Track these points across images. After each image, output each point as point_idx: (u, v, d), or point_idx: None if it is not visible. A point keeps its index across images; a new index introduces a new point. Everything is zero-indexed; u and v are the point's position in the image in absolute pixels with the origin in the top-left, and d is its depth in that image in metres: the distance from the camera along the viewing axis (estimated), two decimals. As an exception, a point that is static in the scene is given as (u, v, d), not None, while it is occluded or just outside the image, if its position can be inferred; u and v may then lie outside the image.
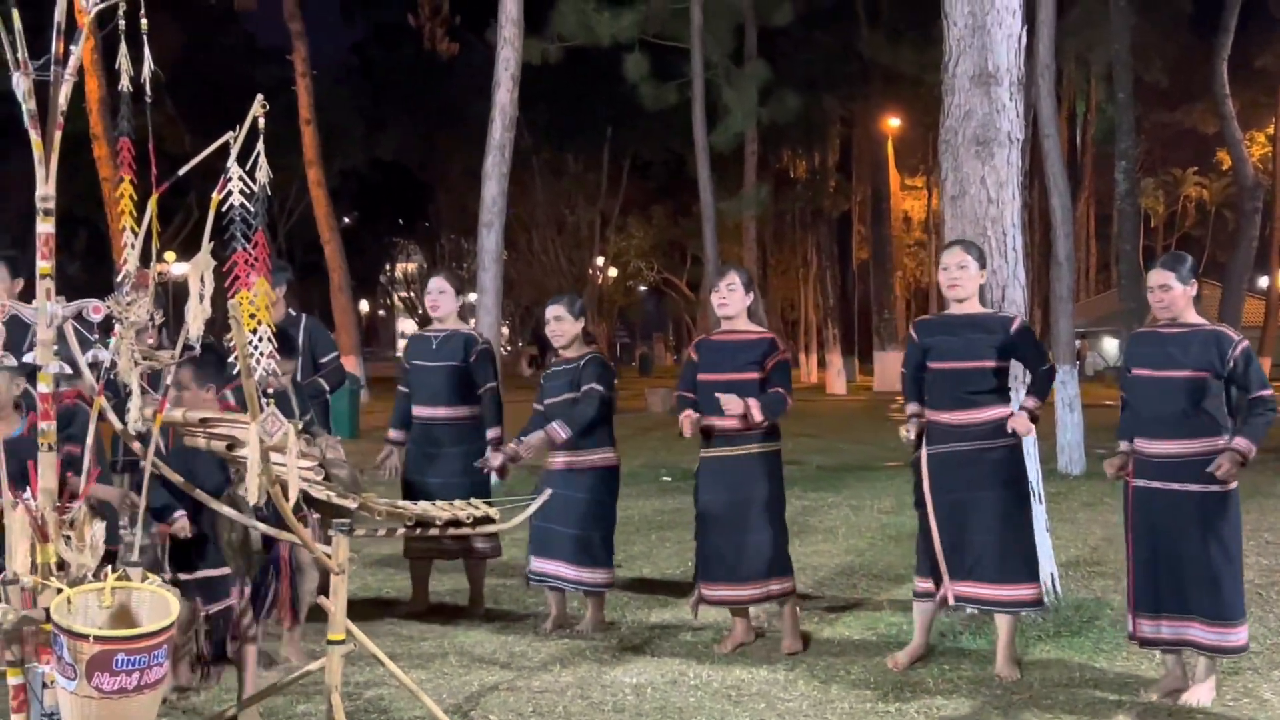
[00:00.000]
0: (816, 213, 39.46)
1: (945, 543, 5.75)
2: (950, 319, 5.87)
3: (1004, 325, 5.80)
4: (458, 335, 7.18)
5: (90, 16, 3.60)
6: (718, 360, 6.26)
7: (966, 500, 5.71)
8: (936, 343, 5.81)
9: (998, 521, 5.70)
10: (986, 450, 5.70)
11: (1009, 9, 6.84)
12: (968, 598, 5.75)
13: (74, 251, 35.68)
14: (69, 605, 3.36)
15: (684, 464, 15.65)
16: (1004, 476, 5.74)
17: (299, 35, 26.99)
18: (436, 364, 7.12)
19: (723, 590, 6.24)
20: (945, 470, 5.74)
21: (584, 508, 6.63)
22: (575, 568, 6.64)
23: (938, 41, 7.33)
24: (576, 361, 6.71)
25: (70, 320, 3.63)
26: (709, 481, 6.29)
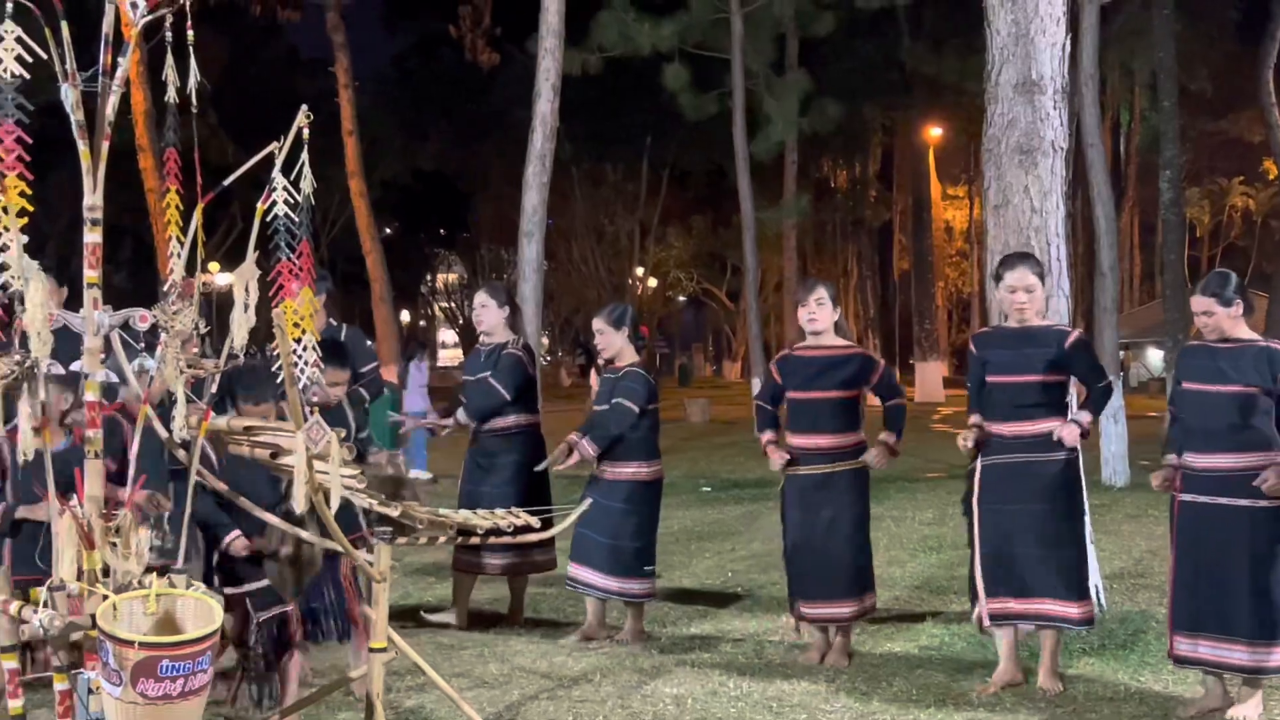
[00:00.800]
0: (857, 222, 39.40)
1: (986, 554, 5.70)
2: (1006, 332, 5.84)
3: (1059, 339, 5.74)
4: (500, 346, 7.22)
5: (137, 29, 3.63)
6: (807, 377, 6.20)
7: (1016, 513, 5.65)
8: (993, 356, 5.77)
9: (1046, 535, 5.64)
10: (1039, 463, 5.65)
11: (1053, 17, 6.80)
12: (1003, 614, 5.67)
13: (119, 261, 36.08)
14: (115, 612, 3.38)
15: (723, 474, 15.64)
16: (1056, 491, 5.68)
17: (341, 47, 27.17)
18: (482, 376, 7.16)
19: (821, 608, 6.19)
20: (997, 481, 5.70)
21: (618, 517, 6.64)
22: (606, 576, 6.64)
23: (980, 50, 7.30)
24: (618, 372, 6.74)
25: (117, 329, 3.66)
26: (799, 500, 6.24)
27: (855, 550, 6.21)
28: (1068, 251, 6.89)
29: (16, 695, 3.67)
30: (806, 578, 6.22)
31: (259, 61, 35.78)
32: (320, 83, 30.76)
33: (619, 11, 22.39)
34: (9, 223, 3.39)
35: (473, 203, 49.00)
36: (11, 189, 3.38)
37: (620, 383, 6.68)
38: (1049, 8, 6.78)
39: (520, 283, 14.77)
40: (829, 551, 6.16)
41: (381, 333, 27.28)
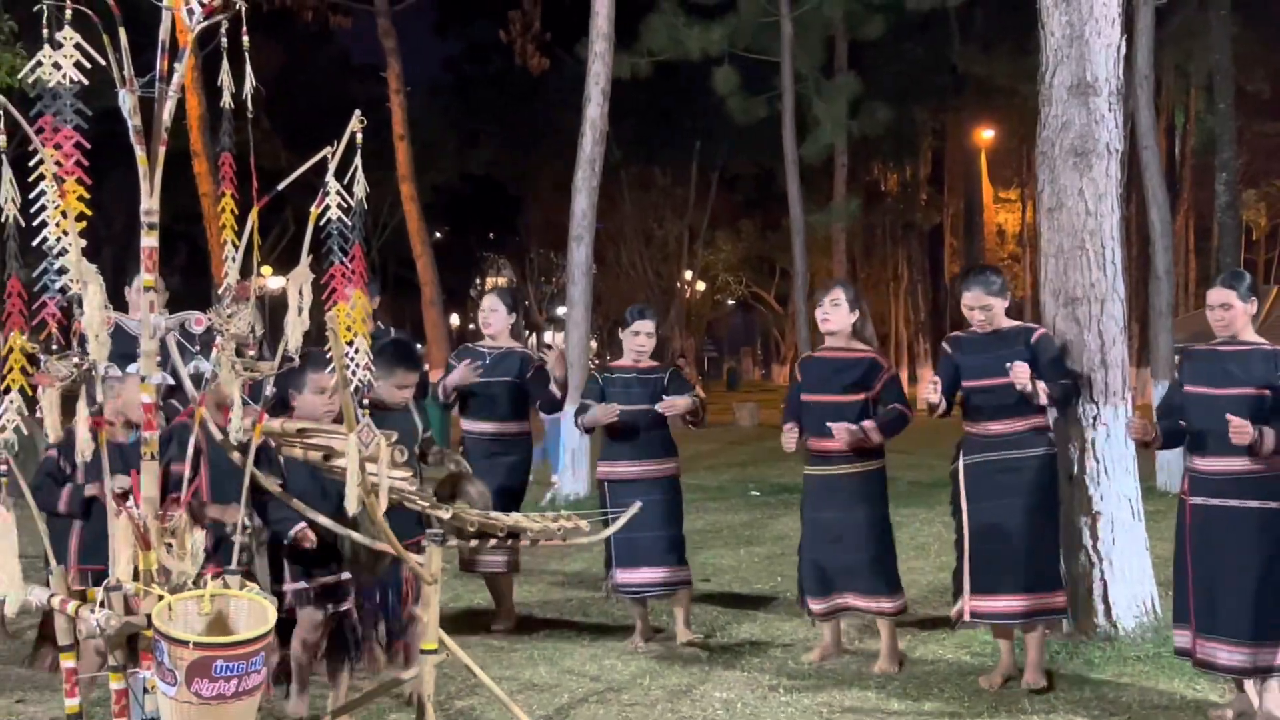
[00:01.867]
0: (907, 226, 39.17)
1: (974, 552, 5.83)
2: (978, 336, 6.00)
3: (1026, 337, 5.92)
4: (514, 354, 7.25)
5: (193, 35, 3.67)
6: (819, 380, 6.29)
7: (998, 508, 5.79)
8: (967, 361, 5.95)
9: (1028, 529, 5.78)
10: (1019, 458, 5.82)
11: (1108, 18, 6.72)
12: (986, 613, 5.80)
13: (173, 265, 36.48)
14: (170, 612, 3.41)
15: (771, 478, 15.58)
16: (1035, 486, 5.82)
17: (393, 52, 27.33)
18: (494, 379, 7.20)
19: (829, 602, 6.28)
20: (980, 479, 5.86)
21: (664, 509, 6.71)
22: (665, 569, 6.70)
23: (1032, 52, 7.23)
24: (657, 374, 6.79)
25: (173, 332, 3.70)
26: (813, 499, 6.34)
27: (871, 550, 6.23)
28: (1122, 255, 6.82)
29: (74, 694, 3.72)
30: (812, 574, 6.30)
31: (311, 67, 36.05)
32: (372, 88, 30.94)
33: (668, 15, 22.40)
34: (68, 227, 3.43)
35: (522, 207, 49.13)
36: (71, 194, 3.42)
37: (675, 384, 6.76)
38: (1104, 9, 6.70)
39: (569, 286, 14.82)
40: (838, 550, 6.21)
41: (432, 336, 27.42)
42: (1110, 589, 6.51)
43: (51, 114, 3.43)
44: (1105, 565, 6.52)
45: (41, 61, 3.40)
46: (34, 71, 3.43)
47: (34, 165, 3.45)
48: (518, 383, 7.19)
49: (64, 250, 3.45)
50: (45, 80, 3.42)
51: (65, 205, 3.43)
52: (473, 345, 7.49)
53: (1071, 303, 6.61)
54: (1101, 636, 6.42)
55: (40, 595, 3.67)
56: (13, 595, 3.55)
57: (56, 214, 3.45)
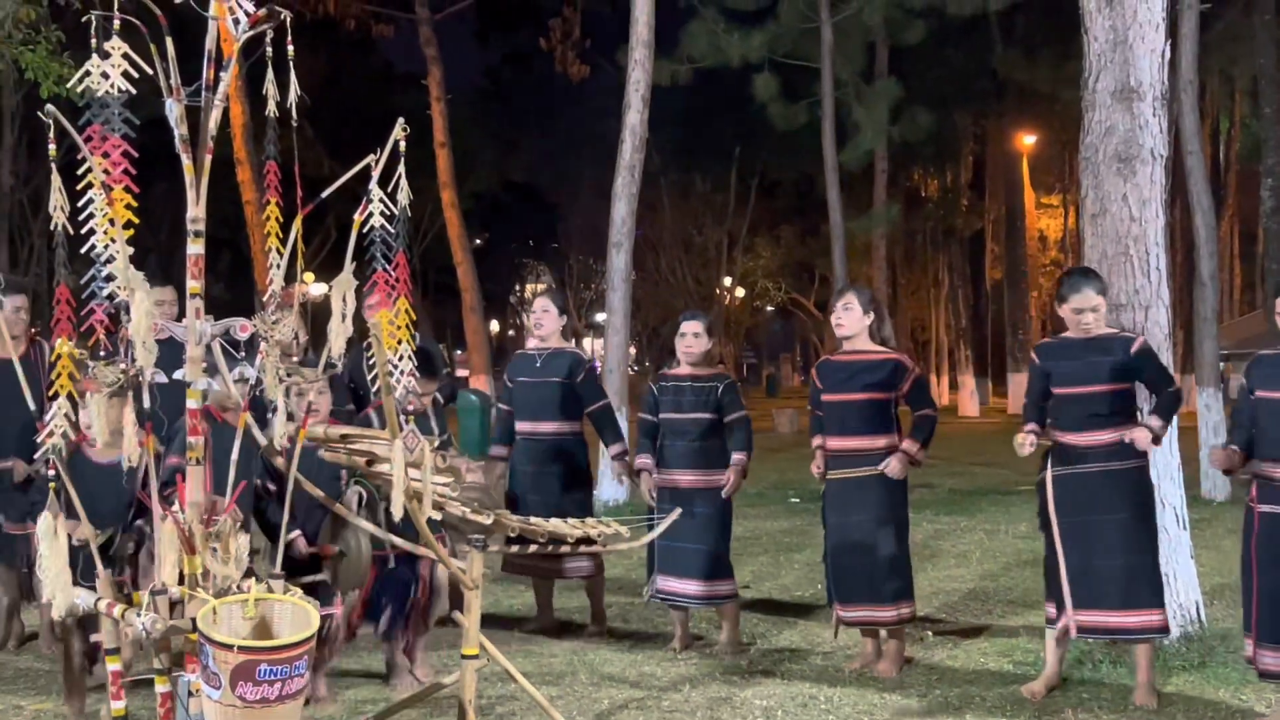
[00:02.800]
0: (948, 232, 38.93)
1: (1072, 567, 5.65)
2: (1071, 342, 5.79)
3: (1125, 346, 5.69)
4: (564, 354, 7.26)
5: (238, 45, 3.71)
6: (839, 381, 6.26)
7: (1092, 523, 5.61)
8: (1059, 367, 5.74)
9: (1125, 544, 5.59)
10: (1112, 472, 5.61)
11: (1152, 23, 6.68)
12: (1092, 627, 5.63)
13: (217, 272, 36.81)
14: (214, 616, 3.45)
15: (812, 485, 15.49)
16: (1131, 498, 5.63)
17: (434, 61, 27.48)
18: (541, 380, 7.21)
19: (858, 611, 6.23)
20: (1071, 492, 5.67)
21: (709, 523, 6.66)
22: (703, 583, 6.65)
23: (1075, 57, 7.19)
24: (712, 382, 6.73)
25: (218, 338, 3.74)
26: (835, 504, 6.30)
27: (888, 555, 6.18)
28: (1167, 261, 6.76)
29: (120, 696, 3.76)
30: (844, 581, 6.25)
31: (353, 76, 36.30)
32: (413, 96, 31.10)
33: (709, 22, 22.41)
34: (116, 234, 3.47)
35: (561, 213, 49.28)
36: (118, 202, 3.47)
37: (728, 395, 6.71)
38: (1148, 14, 6.66)
39: (609, 293, 14.83)
40: (864, 555, 6.17)
41: (473, 342, 27.53)
42: (1155, 598, 6.43)
43: (100, 123, 3.48)
44: (1150, 574, 6.44)
45: (90, 71, 3.45)
46: (82, 81, 3.48)
47: (82, 174, 3.50)
48: (568, 383, 7.18)
49: (111, 258, 3.49)
50: (94, 89, 3.46)
51: (113, 213, 3.47)
52: (526, 349, 7.51)
53: (1116, 309, 6.56)
54: (1146, 646, 6.36)
55: (87, 599, 3.71)
56: (60, 598, 3.60)
57: (104, 222, 3.49)
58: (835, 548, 6.30)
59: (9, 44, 11.09)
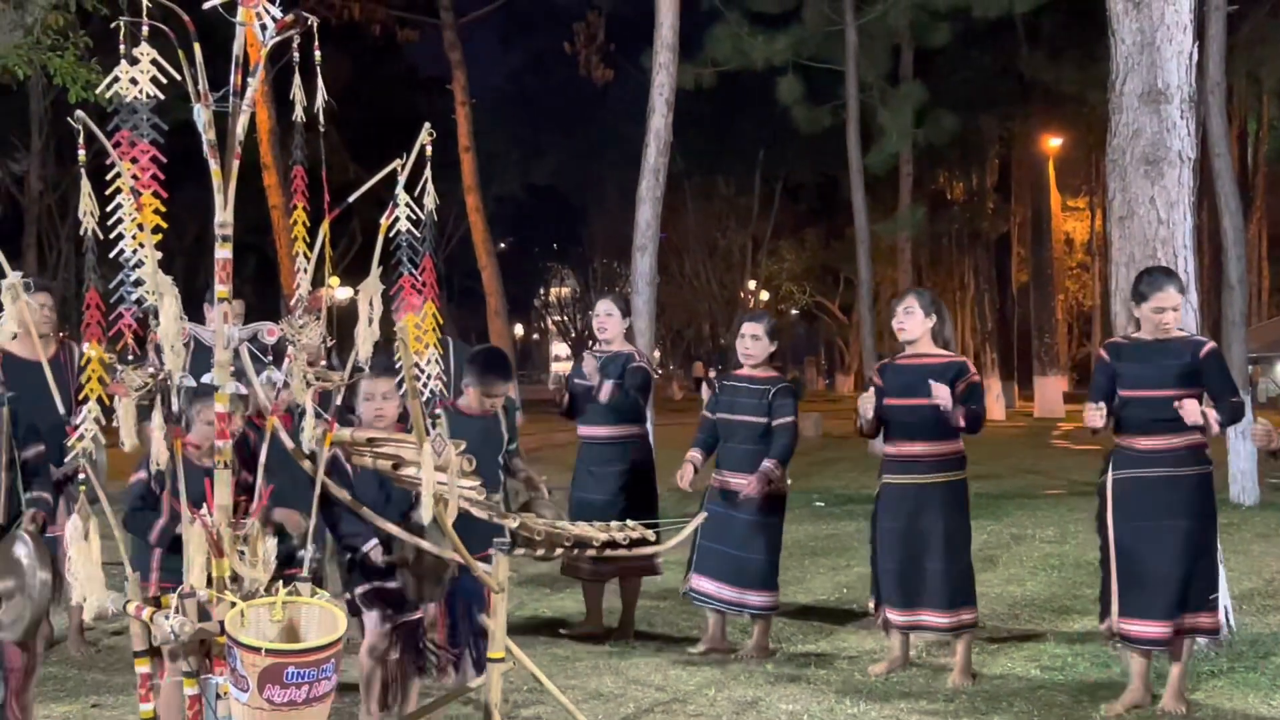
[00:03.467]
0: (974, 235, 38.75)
1: (1124, 572, 5.57)
2: (1140, 343, 5.67)
3: (1194, 350, 5.58)
4: (620, 356, 7.24)
5: (265, 50, 3.73)
6: (904, 386, 6.16)
7: (1153, 529, 5.51)
8: (1127, 369, 5.62)
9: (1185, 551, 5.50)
10: (1175, 478, 5.52)
11: (1179, 25, 6.64)
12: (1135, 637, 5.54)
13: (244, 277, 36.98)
14: (242, 619, 3.46)
15: (836, 489, 15.50)
16: (1193, 504, 5.54)
17: (458, 65, 27.57)
18: (604, 382, 7.14)
19: (909, 615, 6.17)
20: (1132, 497, 5.58)
21: (749, 529, 6.62)
22: (736, 589, 6.62)
23: (1101, 59, 7.16)
24: (766, 385, 6.70)
25: (246, 343, 3.75)
26: (890, 507, 6.23)
27: (949, 563, 6.12)
28: (1195, 263, 6.72)
29: (148, 699, 3.78)
30: (893, 585, 6.20)
31: (378, 80, 36.43)
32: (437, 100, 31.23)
33: (733, 26, 22.39)
34: (144, 239, 3.49)
35: (586, 217, 49.35)
36: (147, 207, 3.49)
37: (780, 398, 6.64)
38: (1175, 15, 6.62)
39: (633, 296, 14.82)
40: (919, 561, 6.12)
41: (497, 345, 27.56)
42: (1185, 603, 6.38)
43: (128, 128, 3.50)
44: (1179, 579, 6.40)
45: (119, 77, 3.47)
46: (111, 87, 3.50)
47: (111, 179, 3.52)
48: (625, 384, 7.16)
49: (140, 262, 3.51)
50: (122, 95, 3.48)
51: (141, 218, 3.49)
52: (590, 351, 7.46)
53: (1144, 312, 6.51)
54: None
55: (117, 602, 3.73)
56: (92, 600, 3.62)
57: (133, 226, 3.51)
58: (888, 552, 6.22)
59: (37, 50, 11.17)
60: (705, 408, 6.97)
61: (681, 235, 42.80)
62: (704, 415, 6.95)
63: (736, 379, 6.84)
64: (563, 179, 46.19)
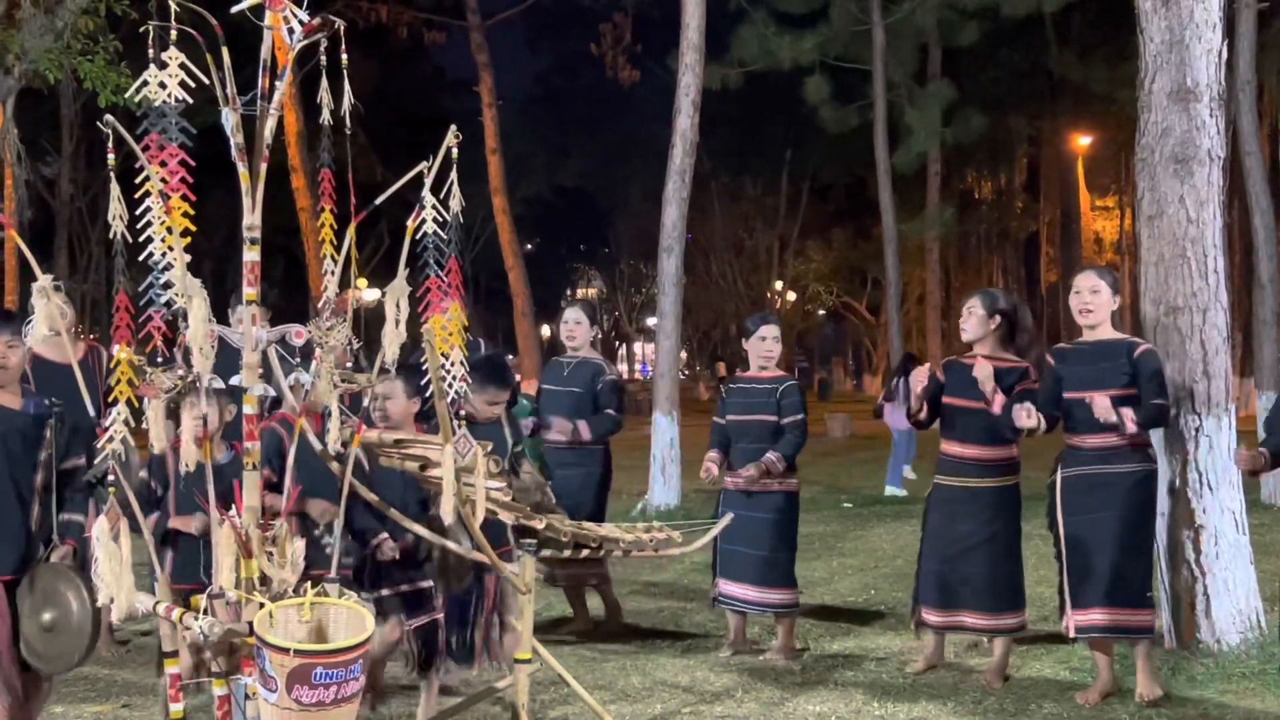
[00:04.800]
0: (1002, 234, 38.65)
1: (1071, 565, 5.78)
2: (1083, 347, 5.90)
3: (1129, 351, 5.77)
4: (588, 364, 7.38)
5: (293, 53, 3.75)
6: (964, 386, 6.11)
7: (1095, 522, 5.70)
8: (1069, 372, 5.83)
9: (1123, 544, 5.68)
10: (1117, 474, 5.71)
11: (1208, 23, 6.59)
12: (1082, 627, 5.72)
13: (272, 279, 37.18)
14: (271, 619, 3.48)
15: (864, 490, 15.46)
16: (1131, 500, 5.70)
17: (485, 67, 27.63)
18: (565, 389, 7.32)
19: (950, 616, 6.16)
20: (1078, 493, 5.78)
21: (769, 528, 6.62)
22: (760, 589, 6.62)
23: (1130, 57, 7.13)
24: (775, 383, 6.71)
25: (274, 344, 3.77)
26: (944, 510, 6.21)
27: (993, 567, 6.11)
28: (1225, 263, 6.67)
29: (178, 699, 3.80)
30: (932, 586, 6.19)
31: (405, 82, 36.57)
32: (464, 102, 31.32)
33: (759, 26, 22.37)
34: (173, 242, 3.51)
35: (612, 218, 49.36)
36: (176, 210, 3.51)
37: (788, 397, 6.69)
38: (1204, 13, 6.57)
39: (659, 297, 14.84)
40: (961, 564, 6.11)
41: (524, 347, 27.64)
42: (1213, 604, 6.36)
43: (158, 132, 3.51)
44: (1209, 579, 6.38)
45: (148, 80, 3.49)
46: (140, 90, 3.52)
47: (140, 182, 3.54)
48: (589, 394, 7.26)
49: (169, 265, 3.53)
50: (151, 99, 3.50)
51: (170, 221, 3.51)
52: (558, 358, 7.64)
53: (1173, 312, 6.49)
54: (1204, 652, 6.28)
55: (146, 602, 3.76)
56: (121, 601, 3.64)
57: (162, 229, 3.53)
58: (932, 552, 6.22)
59: (68, 54, 11.25)
60: (716, 413, 6.98)
61: (708, 236, 42.79)
62: (714, 421, 6.96)
63: (744, 380, 6.89)
64: (589, 180, 46.23)
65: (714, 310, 48.19)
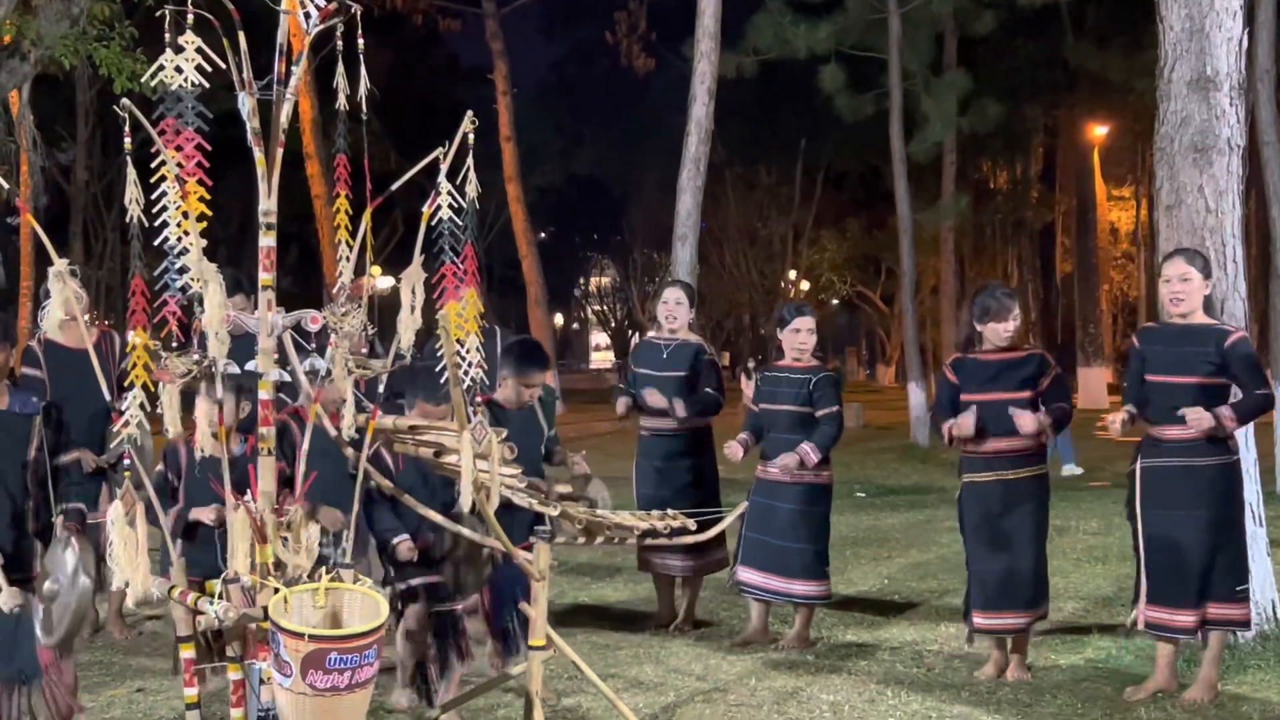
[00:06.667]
0: (1018, 224, 38.48)
1: (1152, 560, 5.59)
2: (1170, 329, 5.67)
3: (1220, 339, 5.53)
4: (688, 345, 7.21)
5: (309, 39, 3.74)
6: (985, 380, 5.98)
7: (1179, 518, 5.50)
8: (1153, 354, 5.64)
9: (1208, 540, 5.49)
10: (1198, 467, 5.50)
11: (1229, 11, 6.54)
12: (1159, 624, 5.57)
13: (286, 265, 37.23)
14: (286, 605, 3.48)
15: (878, 480, 15.44)
16: (1215, 492, 5.51)
17: (500, 54, 27.63)
18: (666, 374, 7.13)
19: (996, 619, 5.98)
20: (1158, 484, 5.58)
21: (792, 519, 6.60)
22: (784, 579, 6.59)
23: (1148, 46, 7.09)
24: (808, 375, 6.67)
25: (289, 330, 3.77)
26: (978, 508, 6.04)
27: (1033, 559, 6.00)
28: (1243, 253, 6.63)
29: (193, 684, 3.81)
30: (988, 587, 6.00)
31: (420, 70, 36.56)
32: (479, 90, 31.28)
33: (775, 14, 22.27)
34: (189, 227, 3.51)
35: (626, 206, 49.31)
36: (192, 195, 3.50)
37: (823, 388, 6.63)
38: (1224, 1, 6.52)
39: (673, 286, 14.78)
40: (1008, 560, 5.97)
41: (537, 335, 27.64)
42: (1231, 596, 6.32)
43: (173, 116, 3.51)
44: (1226, 572, 6.33)
45: (164, 65, 3.49)
46: (156, 76, 3.51)
47: (156, 167, 3.54)
48: (693, 375, 7.10)
49: (185, 250, 3.53)
50: (167, 84, 3.50)
51: (186, 206, 3.51)
52: (651, 338, 7.41)
53: (1192, 302, 6.44)
54: (1221, 645, 6.25)
55: (161, 587, 3.76)
56: (136, 585, 3.64)
57: (178, 214, 3.53)
58: (978, 553, 6.05)
59: (83, 40, 11.26)
60: (751, 399, 6.94)
61: (722, 225, 42.70)
62: (749, 407, 6.94)
63: (778, 369, 6.80)
64: (603, 168, 46.19)
65: (727, 300, 48.12)
